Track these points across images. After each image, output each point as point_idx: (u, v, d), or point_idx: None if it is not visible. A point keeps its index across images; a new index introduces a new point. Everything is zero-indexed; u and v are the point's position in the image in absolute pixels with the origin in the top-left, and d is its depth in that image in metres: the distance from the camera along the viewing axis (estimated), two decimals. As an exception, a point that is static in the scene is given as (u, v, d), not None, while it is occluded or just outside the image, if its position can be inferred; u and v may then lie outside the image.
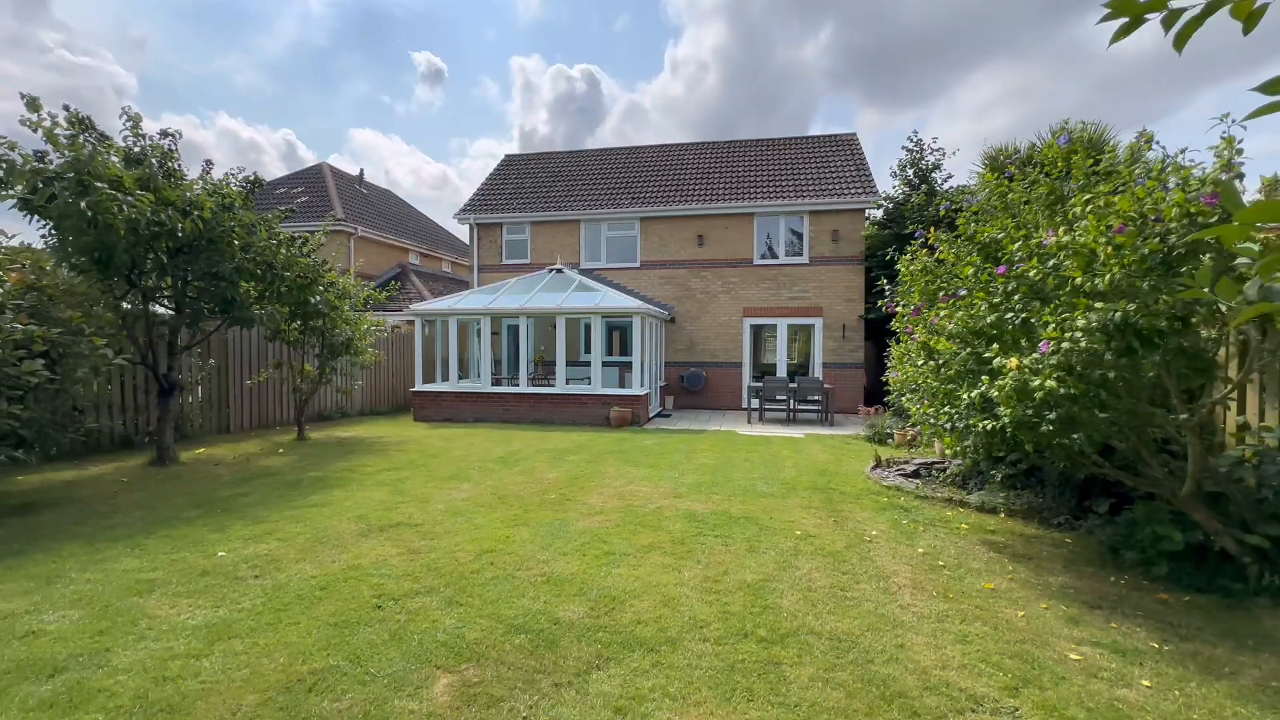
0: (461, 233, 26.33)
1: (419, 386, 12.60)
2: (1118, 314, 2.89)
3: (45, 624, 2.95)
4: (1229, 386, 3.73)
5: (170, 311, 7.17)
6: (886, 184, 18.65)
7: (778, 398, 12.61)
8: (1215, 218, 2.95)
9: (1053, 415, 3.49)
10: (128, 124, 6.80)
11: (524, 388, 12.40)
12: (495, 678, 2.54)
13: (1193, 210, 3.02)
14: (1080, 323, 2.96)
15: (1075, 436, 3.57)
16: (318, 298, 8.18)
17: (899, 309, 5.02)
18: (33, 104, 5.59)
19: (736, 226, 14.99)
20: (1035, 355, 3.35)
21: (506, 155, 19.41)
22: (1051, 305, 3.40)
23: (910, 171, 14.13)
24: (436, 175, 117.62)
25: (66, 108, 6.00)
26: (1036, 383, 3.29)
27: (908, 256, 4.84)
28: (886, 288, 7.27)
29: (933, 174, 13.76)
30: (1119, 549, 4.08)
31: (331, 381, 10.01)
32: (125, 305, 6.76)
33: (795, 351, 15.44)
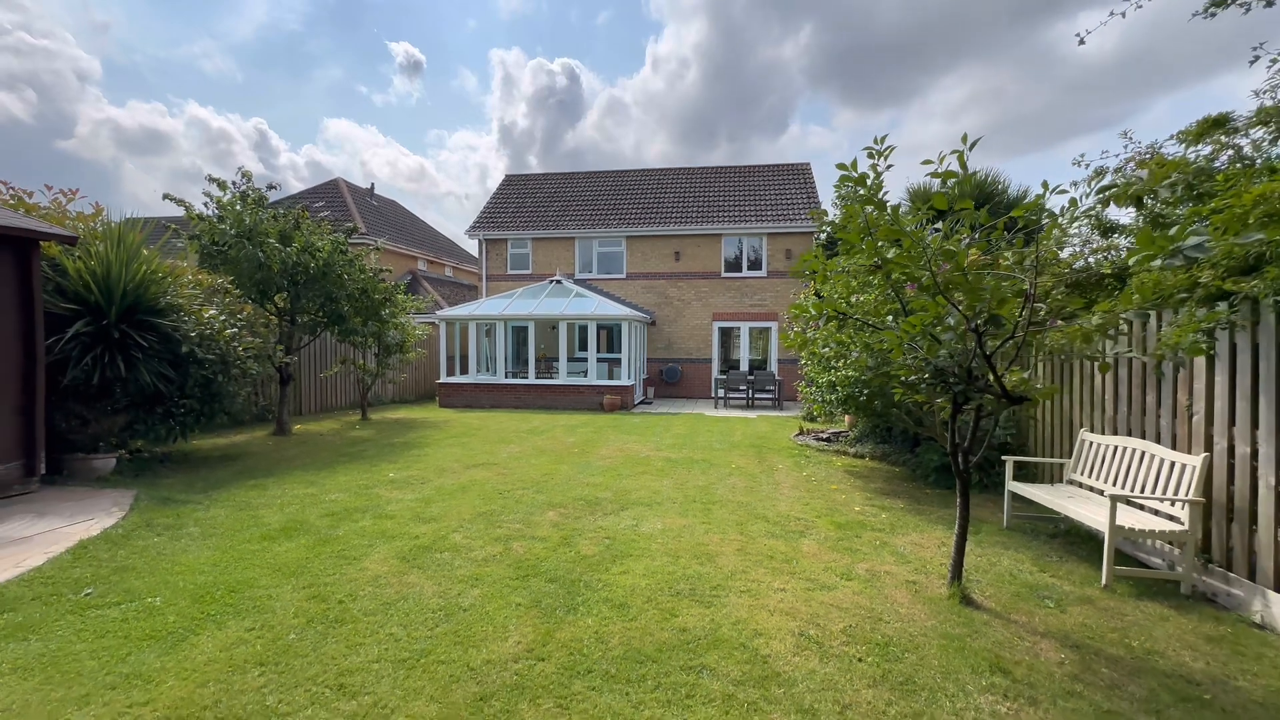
0: (460, 239, 28.79)
1: (444, 379, 15.24)
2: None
3: (334, 499, 5.66)
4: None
5: (288, 323, 9.75)
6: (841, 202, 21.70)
7: (739, 388, 15.54)
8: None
9: (866, 391, 6.40)
10: (243, 179, 9.35)
11: (532, 379, 15.13)
12: (574, 513, 5.34)
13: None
14: (861, 341, 5.85)
15: (877, 403, 6.49)
16: (387, 311, 10.81)
17: (796, 329, 7.90)
18: (221, 185, 8.17)
19: (707, 244, 17.87)
20: (854, 358, 6.24)
21: (507, 175, 21.98)
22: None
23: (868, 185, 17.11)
24: (414, 167, 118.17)
25: (234, 184, 8.55)
26: (851, 373, 6.19)
27: (801, 298, 7.72)
28: (783, 316, 10.12)
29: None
30: (915, 469, 7.06)
31: (385, 375, 12.61)
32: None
33: (757, 349, 18.41)
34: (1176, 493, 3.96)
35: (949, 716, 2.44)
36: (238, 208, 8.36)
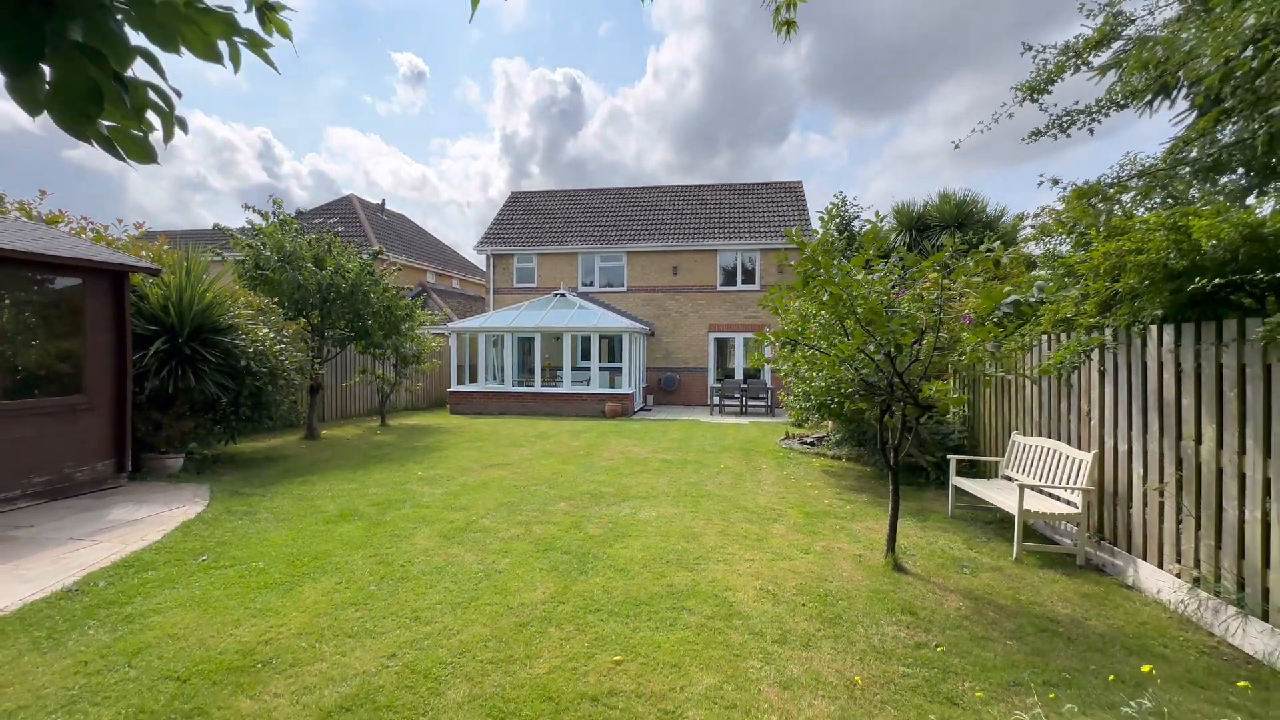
0: (462, 247, 29.79)
1: (455, 387, 16.16)
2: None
3: (375, 493, 6.57)
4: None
5: (318, 338, 10.70)
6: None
7: (733, 396, 16.46)
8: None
9: (836, 399, 7.32)
10: (274, 208, 10.32)
11: (538, 388, 16.05)
12: (581, 504, 6.25)
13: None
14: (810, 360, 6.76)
15: (845, 409, 7.41)
16: (406, 326, 11.76)
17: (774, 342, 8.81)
18: (264, 215, 9.13)
19: (703, 260, 18.85)
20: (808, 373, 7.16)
21: (513, 193, 23.00)
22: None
23: (836, 222, 18.13)
24: (416, 176, 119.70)
25: (272, 213, 9.51)
26: (822, 383, 7.12)
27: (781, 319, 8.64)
28: (770, 331, 11.07)
29: (853, 223, 17.83)
30: (883, 469, 7.96)
31: (402, 384, 13.54)
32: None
33: (752, 359, 19.34)
34: (1074, 483, 4.87)
35: (860, 638, 3.34)
36: (278, 235, 9.32)
